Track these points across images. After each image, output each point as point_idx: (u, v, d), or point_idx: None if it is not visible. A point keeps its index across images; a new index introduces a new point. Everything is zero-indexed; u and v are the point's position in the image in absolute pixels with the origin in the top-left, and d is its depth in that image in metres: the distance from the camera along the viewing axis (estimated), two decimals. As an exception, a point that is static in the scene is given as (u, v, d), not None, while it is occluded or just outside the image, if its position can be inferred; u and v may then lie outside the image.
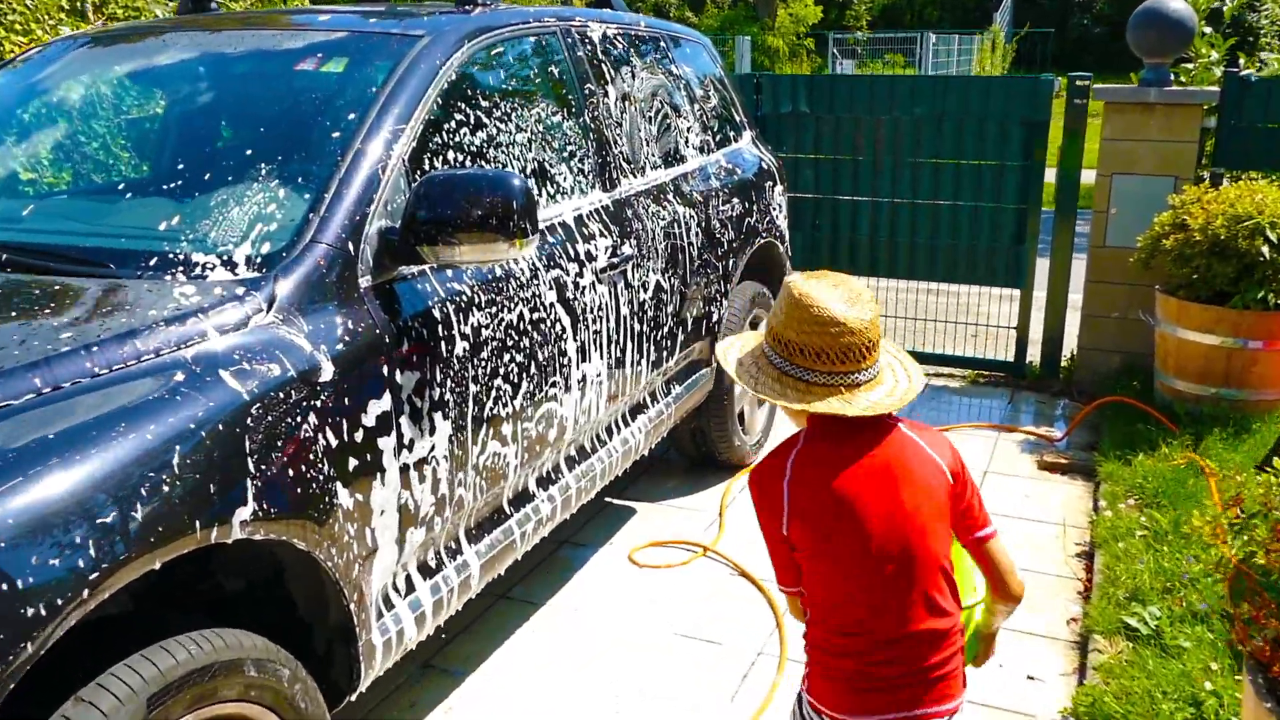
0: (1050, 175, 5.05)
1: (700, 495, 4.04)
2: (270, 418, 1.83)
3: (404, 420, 2.16)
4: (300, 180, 2.26)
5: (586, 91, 3.22)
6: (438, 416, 2.27)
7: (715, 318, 3.84)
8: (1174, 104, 4.61)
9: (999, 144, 5.07)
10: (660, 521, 3.83)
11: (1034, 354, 5.31)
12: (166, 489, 1.61)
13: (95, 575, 1.48)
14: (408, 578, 2.27)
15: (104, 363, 1.69)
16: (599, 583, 3.42)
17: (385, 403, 2.11)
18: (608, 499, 4.00)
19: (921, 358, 5.57)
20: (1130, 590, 3.05)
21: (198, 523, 1.65)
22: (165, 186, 2.44)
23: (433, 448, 2.25)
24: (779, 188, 4.52)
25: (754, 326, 4.23)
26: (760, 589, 3.35)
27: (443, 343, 2.30)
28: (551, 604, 3.30)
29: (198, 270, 2.03)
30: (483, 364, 2.43)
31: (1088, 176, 5.03)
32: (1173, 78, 4.72)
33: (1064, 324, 5.17)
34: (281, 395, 1.87)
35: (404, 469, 2.17)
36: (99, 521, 1.51)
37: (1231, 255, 4.06)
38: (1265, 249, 3.98)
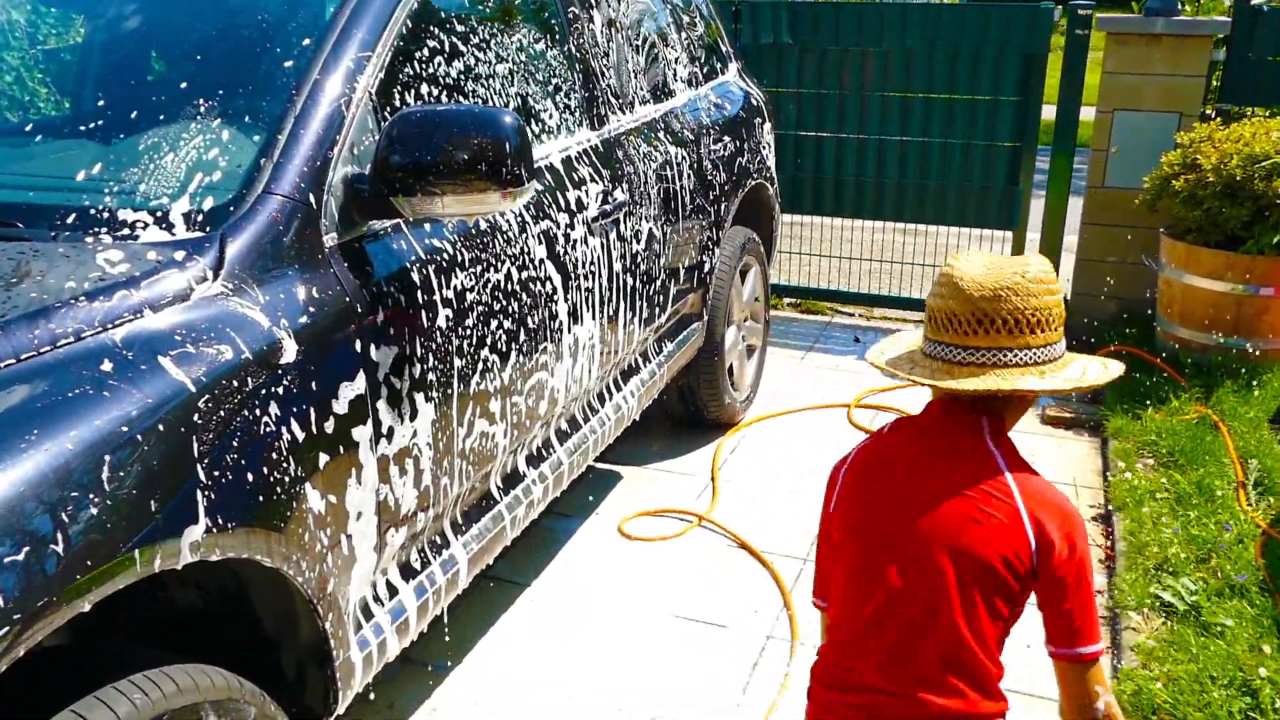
0: (1048, 111, 4.78)
1: (690, 457, 3.77)
2: (222, 411, 1.51)
3: (381, 404, 1.84)
4: (248, 119, 1.89)
5: (570, 15, 2.85)
6: (419, 397, 1.95)
7: (707, 267, 3.54)
8: (1182, 35, 4.35)
9: (994, 77, 4.77)
10: (649, 487, 3.57)
11: (1025, 299, 5.08)
12: (94, 511, 1.28)
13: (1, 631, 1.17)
14: (388, 583, 1.97)
15: (7, 352, 1.35)
16: (588, 559, 3.15)
17: (359, 384, 1.78)
18: (591, 463, 3.71)
19: (902, 303, 5.33)
20: (1159, 560, 2.86)
21: (136, 551, 1.33)
22: (84, 127, 2.04)
23: (415, 434, 1.94)
24: (767, 124, 4.19)
25: (743, 275, 3.94)
26: (763, 562, 3.11)
27: (423, 310, 1.97)
28: (538, 584, 3.03)
29: (126, 230, 1.67)
30: (468, 333, 2.11)
31: (1087, 113, 4.76)
32: (1180, 7, 4.45)
33: (1059, 268, 4.95)
34: (235, 383, 1.54)
35: (383, 461, 1.85)
36: (3, 561, 1.18)
37: (1246, 198, 3.84)
38: (1284, 190, 3.76)
